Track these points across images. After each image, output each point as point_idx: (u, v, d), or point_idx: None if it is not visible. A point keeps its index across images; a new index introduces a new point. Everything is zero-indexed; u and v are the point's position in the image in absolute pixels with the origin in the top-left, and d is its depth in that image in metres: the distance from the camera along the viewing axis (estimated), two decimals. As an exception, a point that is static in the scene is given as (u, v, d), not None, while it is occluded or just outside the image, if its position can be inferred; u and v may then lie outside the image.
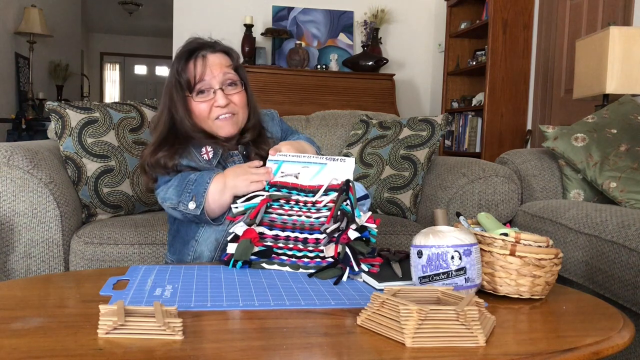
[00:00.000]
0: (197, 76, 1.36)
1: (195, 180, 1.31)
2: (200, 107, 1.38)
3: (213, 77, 1.37)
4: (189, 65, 1.37)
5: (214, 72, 1.37)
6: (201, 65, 1.36)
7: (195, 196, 1.28)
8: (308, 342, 0.76)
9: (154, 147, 1.38)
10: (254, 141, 1.45)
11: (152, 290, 0.97)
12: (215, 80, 1.37)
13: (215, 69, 1.37)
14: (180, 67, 1.38)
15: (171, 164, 1.35)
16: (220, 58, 1.40)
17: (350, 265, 1.08)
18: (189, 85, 1.37)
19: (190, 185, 1.30)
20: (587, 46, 2.57)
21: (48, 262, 1.65)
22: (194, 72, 1.36)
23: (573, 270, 1.61)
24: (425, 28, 4.88)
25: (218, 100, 1.36)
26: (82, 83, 8.01)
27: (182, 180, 1.32)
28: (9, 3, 5.14)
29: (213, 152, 1.38)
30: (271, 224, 1.20)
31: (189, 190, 1.29)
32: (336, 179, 1.22)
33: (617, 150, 1.89)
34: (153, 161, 1.36)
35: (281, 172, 1.26)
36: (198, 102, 1.37)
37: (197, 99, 1.37)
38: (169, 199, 1.32)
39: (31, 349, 0.70)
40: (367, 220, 1.14)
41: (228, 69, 1.39)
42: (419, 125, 2.13)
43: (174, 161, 1.35)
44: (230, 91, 1.39)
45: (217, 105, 1.37)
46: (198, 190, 1.28)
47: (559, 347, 0.76)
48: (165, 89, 1.42)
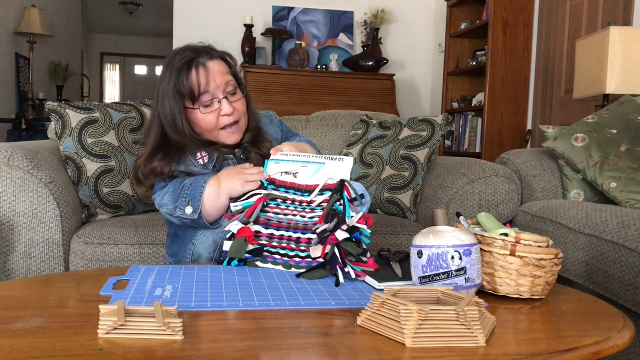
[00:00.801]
0: (201, 86, 1.33)
1: (190, 185, 1.30)
2: (208, 119, 1.35)
3: (217, 87, 1.35)
4: (191, 76, 1.33)
5: (217, 81, 1.35)
6: (204, 75, 1.33)
7: (192, 200, 1.28)
8: (308, 342, 0.76)
9: (146, 155, 1.37)
10: (252, 142, 1.45)
11: (152, 290, 0.97)
12: (219, 90, 1.35)
13: (217, 77, 1.35)
14: (181, 78, 1.33)
15: (167, 170, 1.34)
16: (220, 65, 1.38)
17: (337, 267, 1.07)
18: (192, 96, 1.34)
19: (185, 190, 1.30)
20: (587, 46, 2.57)
21: (48, 262, 1.65)
22: (197, 82, 1.33)
23: (573, 270, 1.61)
24: (425, 28, 4.88)
25: (224, 109, 1.35)
26: (82, 83, 8.01)
27: (177, 185, 1.32)
28: (9, 3, 5.14)
29: (208, 157, 1.38)
30: (267, 222, 1.21)
31: (184, 195, 1.29)
32: (332, 178, 1.22)
33: (617, 150, 1.89)
34: (147, 170, 1.35)
35: (279, 171, 1.26)
36: (205, 114, 1.35)
37: (204, 112, 1.35)
38: (165, 205, 1.32)
39: (31, 349, 0.70)
40: (359, 221, 1.13)
41: (228, 76, 1.38)
42: (419, 125, 2.13)
43: (170, 167, 1.34)
44: (232, 99, 1.38)
45: (224, 114, 1.35)
46: (194, 194, 1.28)
47: (559, 347, 0.76)
48: (159, 97, 1.37)
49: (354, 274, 1.07)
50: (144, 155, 1.38)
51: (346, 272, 1.07)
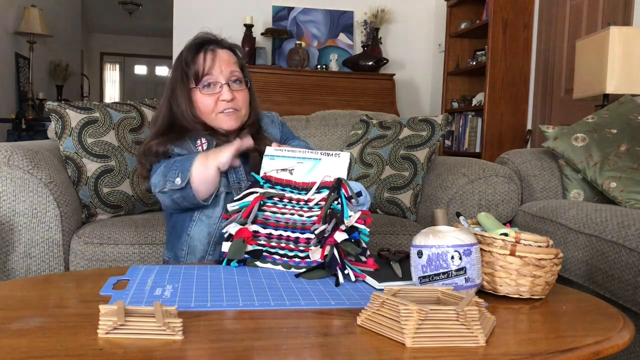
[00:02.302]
0: (205, 69, 1.39)
1: (181, 160, 1.35)
2: (206, 101, 1.40)
3: (220, 73, 1.40)
4: (199, 57, 1.40)
5: (222, 68, 1.40)
6: (210, 59, 1.40)
7: (181, 172, 1.31)
8: (308, 342, 0.76)
9: (150, 139, 1.42)
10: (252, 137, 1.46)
11: (152, 290, 0.97)
12: (222, 76, 1.40)
13: (223, 64, 1.40)
14: (190, 58, 1.40)
15: (162, 150, 1.38)
16: (229, 55, 1.44)
17: (337, 268, 1.06)
18: (196, 76, 1.39)
19: (176, 164, 1.34)
20: (587, 46, 2.57)
21: (48, 262, 1.65)
22: (203, 64, 1.39)
23: (573, 270, 1.61)
24: (425, 28, 4.88)
25: (224, 95, 1.39)
26: (82, 83, 8.01)
27: (169, 162, 1.36)
28: (9, 3, 5.14)
29: (207, 144, 1.42)
30: (265, 222, 1.20)
31: (174, 169, 1.33)
32: (329, 175, 1.21)
33: (617, 150, 1.89)
34: (145, 149, 1.40)
35: (275, 168, 1.26)
36: (204, 95, 1.40)
37: (203, 92, 1.40)
38: (157, 183, 1.35)
39: (31, 349, 0.70)
40: (357, 221, 1.12)
41: (235, 66, 1.43)
42: (419, 125, 2.13)
43: (165, 147, 1.38)
44: (235, 88, 1.42)
45: (223, 99, 1.40)
46: (184, 167, 1.32)
47: (559, 347, 0.76)
48: (169, 83, 1.45)
49: (354, 275, 1.07)
50: (148, 138, 1.44)
51: (346, 274, 1.07)
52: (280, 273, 1.13)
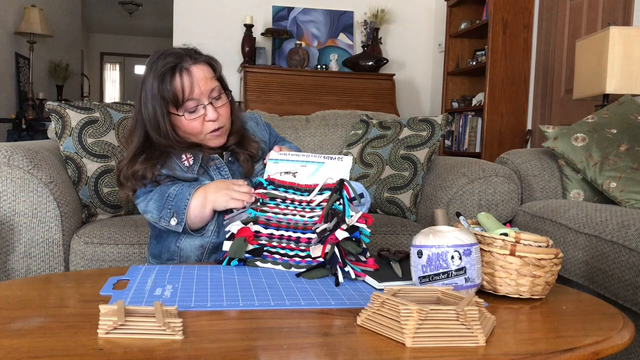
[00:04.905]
0: (185, 93, 1.29)
1: (175, 196, 1.29)
2: (193, 125, 1.33)
3: (201, 93, 1.31)
4: (175, 82, 1.29)
5: (202, 87, 1.31)
6: (188, 81, 1.29)
7: (177, 212, 1.27)
8: (308, 342, 0.76)
9: (129, 158, 1.34)
10: (238, 144, 1.43)
11: (152, 290, 0.97)
12: (204, 96, 1.31)
13: (202, 82, 1.31)
14: (165, 83, 1.29)
15: (150, 175, 1.31)
16: (204, 70, 1.33)
17: (338, 266, 1.07)
18: (176, 102, 1.30)
19: (170, 201, 1.28)
20: (587, 46, 2.57)
21: (48, 262, 1.65)
22: (182, 88, 1.29)
23: (573, 270, 1.61)
24: (425, 28, 4.88)
25: (209, 115, 1.31)
26: (82, 83, 8.01)
27: (162, 194, 1.30)
28: (9, 3, 5.14)
29: (193, 158, 1.36)
30: (267, 222, 1.21)
31: (169, 207, 1.28)
32: (331, 177, 1.22)
33: (617, 150, 1.89)
34: (130, 173, 1.32)
35: (279, 171, 1.27)
36: (190, 121, 1.32)
37: (188, 118, 1.32)
38: (149, 212, 1.32)
39: (31, 349, 0.70)
40: (359, 220, 1.13)
41: (212, 81, 1.34)
42: (419, 125, 2.13)
43: (153, 172, 1.32)
44: (217, 104, 1.34)
45: (209, 120, 1.32)
46: (179, 206, 1.27)
47: (559, 347, 0.76)
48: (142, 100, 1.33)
49: (354, 273, 1.07)
50: (126, 158, 1.35)
51: (346, 272, 1.07)
52: (280, 273, 1.13)
